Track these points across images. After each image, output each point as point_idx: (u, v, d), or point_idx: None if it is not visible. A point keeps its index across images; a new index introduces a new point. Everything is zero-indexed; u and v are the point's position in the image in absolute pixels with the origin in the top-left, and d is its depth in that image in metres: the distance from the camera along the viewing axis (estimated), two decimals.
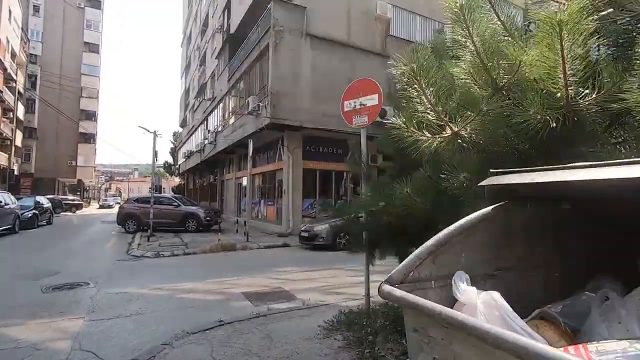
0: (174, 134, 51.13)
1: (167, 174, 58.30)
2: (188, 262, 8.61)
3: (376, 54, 15.12)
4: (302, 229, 10.78)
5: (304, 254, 9.72)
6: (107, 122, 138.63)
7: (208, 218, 14.90)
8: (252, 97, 13.41)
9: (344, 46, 14.29)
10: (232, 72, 18.04)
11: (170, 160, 52.41)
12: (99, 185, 75.16)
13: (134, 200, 15.26)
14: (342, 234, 10.00)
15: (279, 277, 6.77)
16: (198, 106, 27.92)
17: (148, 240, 11.80)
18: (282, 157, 14.63)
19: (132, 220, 14.34)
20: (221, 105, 20.66)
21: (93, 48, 43.88)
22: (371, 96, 4.35)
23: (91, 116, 43.83)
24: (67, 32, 40.83)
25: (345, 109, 4.62)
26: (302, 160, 14.27)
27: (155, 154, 13.27)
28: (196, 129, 28.15)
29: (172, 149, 51.22)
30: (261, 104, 13.20)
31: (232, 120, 18.19)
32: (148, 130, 13.74)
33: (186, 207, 15.03)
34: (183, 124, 37.57)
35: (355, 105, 4.49)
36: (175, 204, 14.82)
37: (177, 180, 50.98)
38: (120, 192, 70.31)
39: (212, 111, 22.83)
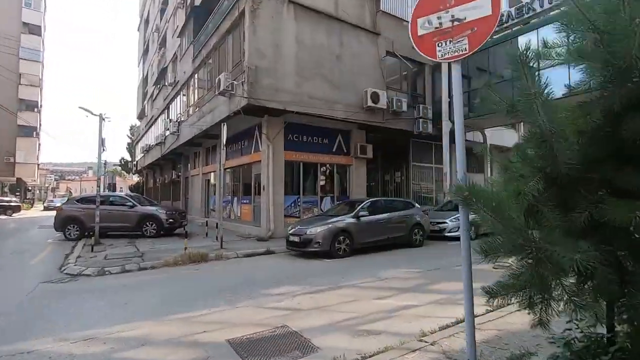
0: (131, 128, 46.89)
1: (124, 172, 53.65)
2: (144, 283, 6.36)
3: (366, 30, 13.35)
4: (291, 232, 8.78)
5: (297, 265, 7.75)
6: (56, 116, 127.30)
7: (171, 220, 12.47)
8: (225, 75, 11.17)
9: (331, 19, 12.38)
10: (197, 49, 15.56)
11: (127, 156, 48.07)
12: (46, 185, 68.25)
13: (77, 201, 12.48)
14: (341, 238, 8.14)
15: (276, 306, 4.77)
16: (158, 94, 24.88)
17: (92, 250, 9.29)
18: (260, 147, 12.51)
19: (73, 224, 11.63)
20: (185, 90, 18.05)
21: (33, 29, 38.80)
22: (475, 2, 2.40)
23: (32, 107, 38.77)
24: (1, 10, 35.65)
25: (420, 31, 2.64)
26: (283, 150, 12.23)
27: (101, 142, 10.68)
28: (156, 119, 25.10)
29: (129, 144, 46.94)
30: (235, 83, 11.00)
31: (199, 106, 15.71)
32: (92, 113, 11.09)
33: (143, 207, 12.50)
34: (141, 115, 33.99)
35: (441, 22, 2.53)
36: (130, 204, 12.25)
37: (135, 179, 46.83)
38: (70, 192, 64.09)
39: (174, 98, 20.09)
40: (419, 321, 4.08)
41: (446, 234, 11.04)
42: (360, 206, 8.97)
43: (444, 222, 11.09)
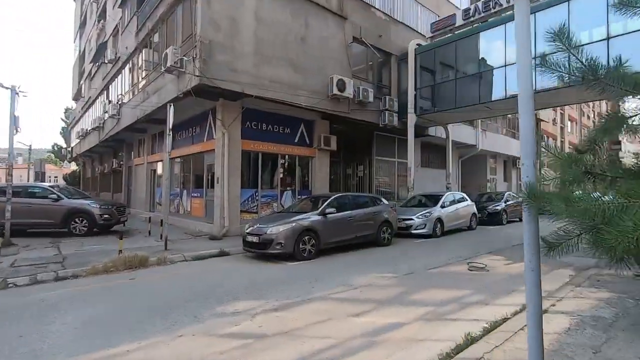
0: (66, 111, 42.12)
1: (58, 160, 48.40)
2: (60, 300, 4.98)
3: (332, 12, 12.43)
4: (248, 230, 7.71)
5: (257, 270, 6.72)
6: None
7: (106, 216, 10.76)
8: (173, 49, 9.68)
9: None
10: (142, 22, 13.67)
11: (62, 142, 43.21)
12: None
13: None
14: (306, 238, 7.25)
15: (232, 332, 3.76)
16: (96, 72, 22.10)
17: None
18: (214, 135, 11.18)
19: None
20: (127, 67, 15.95)
21: None
22: None
23: None
24: None
25: None
26: (240, 139, 11.02)
27: (14, 120, 8.70)
28: (94, 101, 22.32)
29: (63, 128, 42.19)
30: (186, 59, 9.57)
31: (143, 86, 13.86)
32: (1, 85, 9.04)
33: (72, 200, 10.65)
34: (77, 96, 30.33)
35: None
36: (54, 196, 10.35)
37: (73, 167, 42.24)
38: None
39: (115, 77, 17.79)
40: (411, 348, 3.31)
41: (413, 231, 10.59)
42: (326, 202, 8.12)
43: (411, 219, 10.63)
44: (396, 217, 9.79)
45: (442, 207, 11.38)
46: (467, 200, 12.92)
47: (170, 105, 8.45)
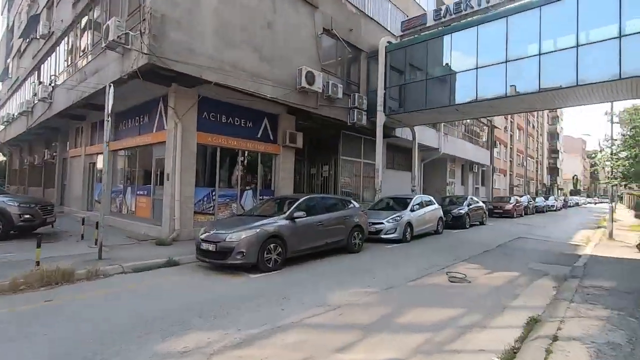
0: None
1: None
2: None
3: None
4: (203, 236, 6.60)
5: (213, 286, 5.65)
6: None
7: (27, 216, 8.98)
8: (116, 20, 8.22)
9: None
10: None
11: None
12: None
13: None
14: (272, 246, 6.32)
15: None
16: (26, 49, 19.27)
17: None
18: (166, 125, 9.82)
19: None
20: (63, 44, 13.85)
21: None
22: None
23: None
24: None
25: None
26: (196, 131, 9.77)
27: None
28: (23, 82, 19.44)
29: None
30: (132, 34, 8.17)
31: (80, 65, 12.01)
32: None
33: None
34: (3, 76, 26.55)
35: None
36: None
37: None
38: None
39: (47, 54, 15.46)
40: None
41: (382, 236, 10.02)
42: (294, 205, 7.22)
43: (381, 223, 10.05)
44: (367, 221, 9.13)
45: (412, 210, 10.95)
46: (434, 203, 12.66)
47: (110, 86, 7.06)
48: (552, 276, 6.78)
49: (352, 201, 9.06)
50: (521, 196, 27.43)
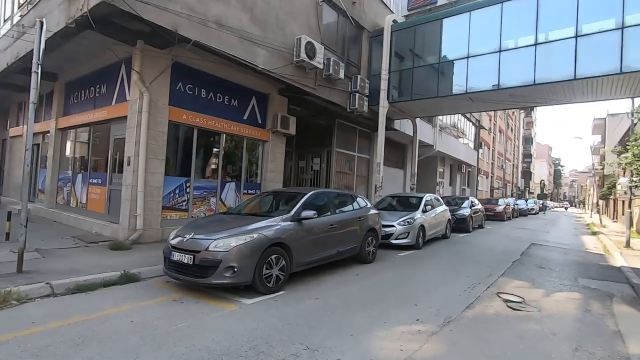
0: None
1: None
2: None
3: None
4: (175, 242, 4.66)
5: (190, 325, 3.73)
6: None
7: None
8: None
9: None
10: None
11: None
12: None
13: None
14: (273, 258, 4.51)
15: None
16: None
17: None
18: (128, 95, 7.73)
19: None
20: None
21: None
22: None
23: None
24: None
25: None
26: (167, 105, 7.73)
27: None
28: None
29: None
30: None
31: (17, 17, 9.57)
32: None
33: None
34: None
35: None
36: None
37: None
38: None
39: None
40: None
41: (393, 241, 8.41)
42: (301, 202, 5.42)
43: (391, 226, 8.44)
44: (381, 223, 7.47)
45: (424, 211, 9.42)
46: (442, 203, 11.24)
47: (41, 22, 4.94)
48: (620, 298, 5.43)
49: (363, 198, 7.37)
50: (505, 198, 26.91)
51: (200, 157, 8.92)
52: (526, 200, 35.34)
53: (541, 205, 38.52)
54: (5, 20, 10.61)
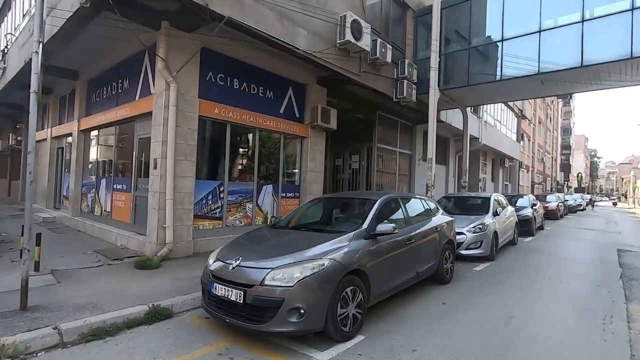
0: None
1: None
2: None
3: None
4: (216, 268, 3.52)
5: None
6: None
7: None
8: None
9: None
10: None
11: None
12: None
13: None
14: (349, 291, 3.26)
15: None
16: None
17: None
18: (152, 88, 6.72)
19: None
20: None
21: None
22: None
23: None
24: None
25: None
26: (197, 98, 6.67)
27: None
28: None
29: None
30: None
31: (32, 5, 8.80)
32: None
33: None
34: None
35: None
36: None
37: None
38: None
39: (4, 7, 12.18)
40: None
41: (462, 252, 7.03)
42: (373, 211, 4.16)
43: (461, 234, 7.05)
44: (455, 232, 6.11)
45: (495, 214, 7.96)
46: (508, 204, 9.70)
47: None
48: None
49: (433, 202, 6.03)
50: (553, 194, 24.64)
51: (234, 157, 7.85)
52: (572, 196, 32.62)
53: (589, 201, 35.58)
54: (23, 16, 9.91)
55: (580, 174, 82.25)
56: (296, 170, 9.17)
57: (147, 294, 4.28)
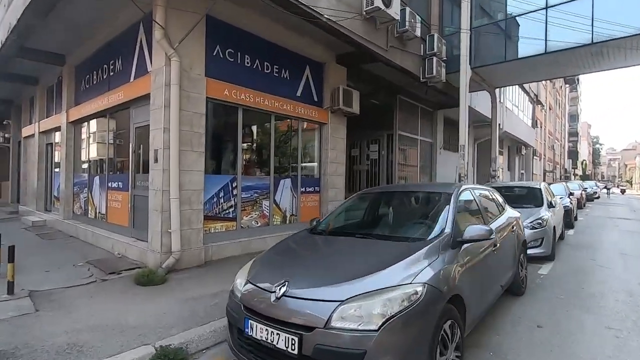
0: None
1: None
2: None
3: None
4: (248, 291, 2.48)
5: None
6: None
7: None
8: None
9: None
10: None
11: None
12: None
13: None
14: (448, 327, 2.12)
15: None
16: None
17: None
18: (150, 64, 5.60)
19: None
20: None
21: None
22: None
23: None
24: None
25: None
26: (204, 75, 5.55)
27: None
28: None
29: None
30: None
31: None
32: None
33: None
34: None
35: None
36: None
37: None
38: None
39: None
40: None
41: None
42: (452, 209, 3.07)
43: None
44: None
45: (550, 206, 6.89)
46: (555, 194, 8.64)
47: None
48: None
49: (500, 195, 4.94)
50: (571, 182, 23.57)
51: (247, 147, 6.76)
52: (587, 183, 31.54)
53: (604, 189, 34.55)
54: None
55: (584, 161, 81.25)
56: (314, 163, 8.08)
57: (152, 324, 3.23)
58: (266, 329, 2.24)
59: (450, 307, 2.37)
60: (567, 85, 50.89)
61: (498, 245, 3.47)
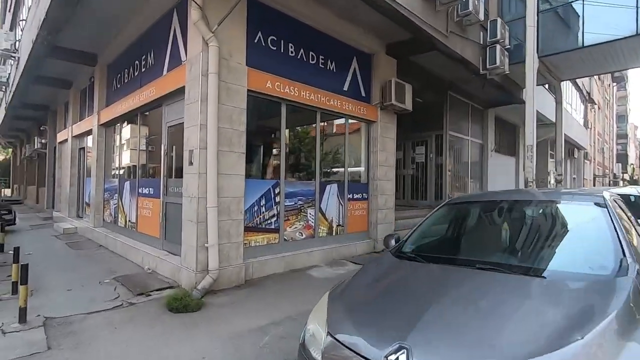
0: None
1: None
2: None
3: None
4: None
5: None
6: None
7: None
8: None
9: None
10: None
11: None
12: None
13: None
14: None
15: None
16: None
17: None
18: (185, 54, 4.91)
19: None
20: None
21: None
22: None
23: None
24: None
25: None
26: (244, 65, 4.79)
27: None
28: None
29: None
30: None
31: None
32: None
33: None
34: None
35: None
36: None
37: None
38: None
39: None
40: None
41: None
42: (617, 228, 2.06)
43: None
44: None
45: None
46: None
47: None
48: None
49: None
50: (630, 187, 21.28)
51: (291, 148, 5.96)
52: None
53: None
54: None
55: (632, 165, 75.52)
56: (360, 167, 7.16)
57: None
58: None
59: None
60: (615, 84, 47.29)
61: None
